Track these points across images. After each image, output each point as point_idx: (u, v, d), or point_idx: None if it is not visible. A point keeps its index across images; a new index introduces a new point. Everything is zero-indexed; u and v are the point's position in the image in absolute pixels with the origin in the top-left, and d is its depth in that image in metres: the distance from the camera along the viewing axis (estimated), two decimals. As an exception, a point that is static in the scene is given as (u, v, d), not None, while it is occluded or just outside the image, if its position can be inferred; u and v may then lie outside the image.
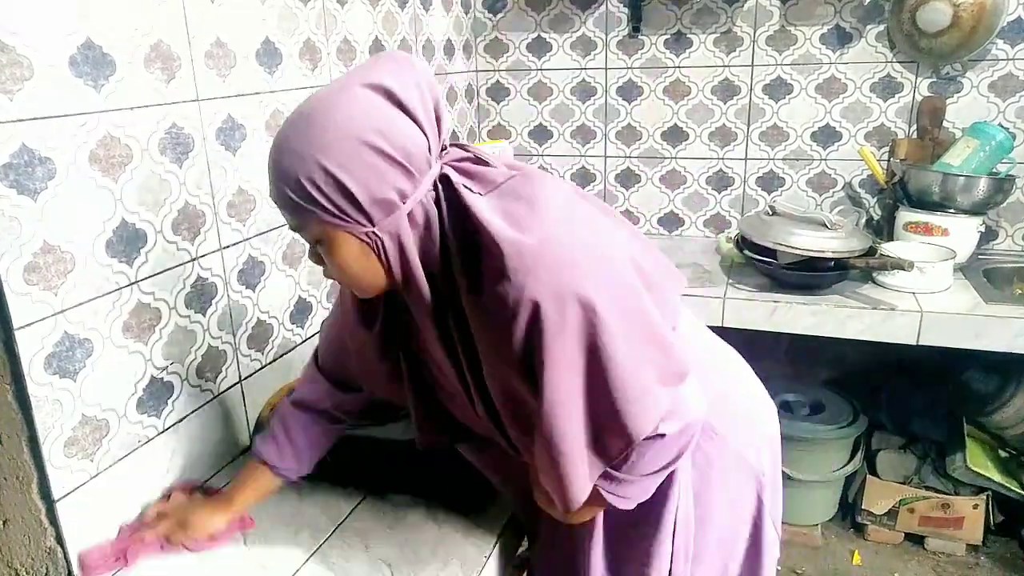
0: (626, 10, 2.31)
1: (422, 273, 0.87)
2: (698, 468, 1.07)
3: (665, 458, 0.94)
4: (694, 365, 0.92)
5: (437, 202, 0.85)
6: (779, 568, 2.22)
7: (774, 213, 1.99)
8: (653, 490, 0.98)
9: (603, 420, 0.86)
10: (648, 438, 0.88)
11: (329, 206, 0.81)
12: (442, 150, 0.88)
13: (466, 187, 0.85)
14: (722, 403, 1.06)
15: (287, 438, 1.13)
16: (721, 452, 1.07)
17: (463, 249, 0.85)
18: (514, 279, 0.80)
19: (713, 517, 1.09)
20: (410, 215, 0.84)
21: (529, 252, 0.80)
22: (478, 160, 0.89)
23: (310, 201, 0.81)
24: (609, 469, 0.93)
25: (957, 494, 2.18)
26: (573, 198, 0.91)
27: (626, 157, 2.46)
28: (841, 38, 2.17)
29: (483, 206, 0.83)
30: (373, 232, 0.83)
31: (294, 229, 0.89)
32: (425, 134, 0.83)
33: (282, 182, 0.82)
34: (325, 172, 0.79)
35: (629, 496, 0.96)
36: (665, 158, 2.43)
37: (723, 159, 2.38)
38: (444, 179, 0.85)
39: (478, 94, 2.54)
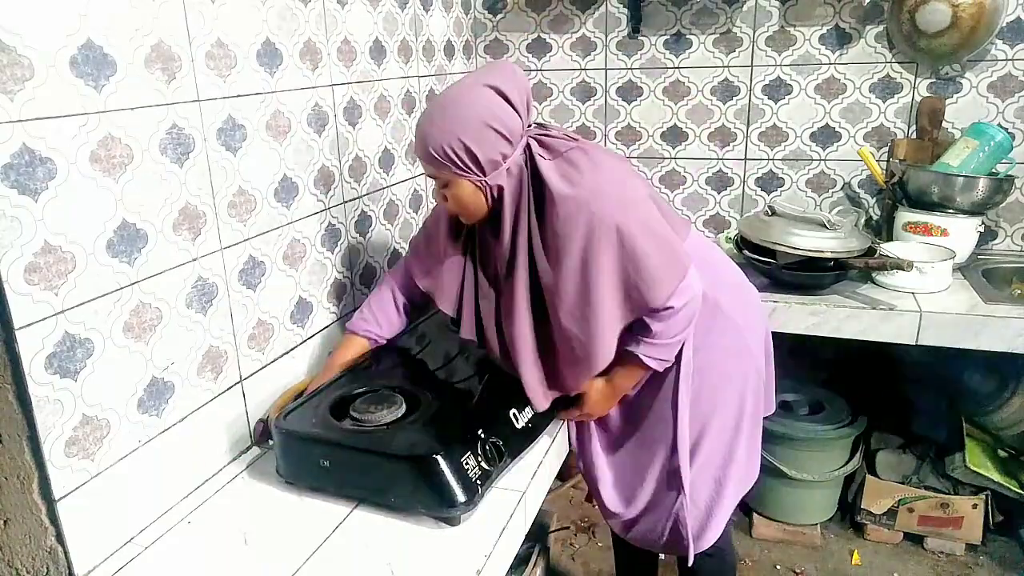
0: (626, 11, 2.31)
1: (511, 207, 1.28)
2: (701, 343, 1.39)
3: (680, 325, 1.29)
4: (710, 265, 1.41)
5: (524, 162, 1.28)
6: (778, 567, 2.22)
7: (773, 213, 1.99)
8: (674, 355, 1.34)
9: (629, 286, 1.24)
10: (666, 310, 1.25)
11: (460, 164, 1.24)
12: (528, 126, 1.30)
13: (540, 155, 1.28)
14: (733, 292, 1.47)
15: (373, 312, 1.53)
16: (724, 327, 1.42)
17: (535, 196, 1.28)
18: (567, 218, 1.23)
19: (712, 381, 1.43)
20: (508, 170, 1.27)
21: (576, 201, 1.22)
22: (548, 135, 1.31)
23: (449, 161, 1.24)
24: (644, 339, 1.29)
25: (956, 494, 2.18)
26: (612, 162, 1.31)
27: (626, 157, 2.46)
28: (840, 39, 2.17)
29: (548, 168, 1.26)
30: (484, 181, 1.26)
31: (431, 176, 1.31)
32: (520, 118, 1.26)
33: (430, 148, 1.24)
34: (460, 143, 1.22)
35: (661, 357, 1.32)
36: (665, 158, 2.43)
37: (722, 159, 2.38)
38: (527, 147, 1.28)
39: (478, 94, 2.54)
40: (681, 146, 2.41)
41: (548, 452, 1.37)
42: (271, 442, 1.29)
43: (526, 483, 1.26)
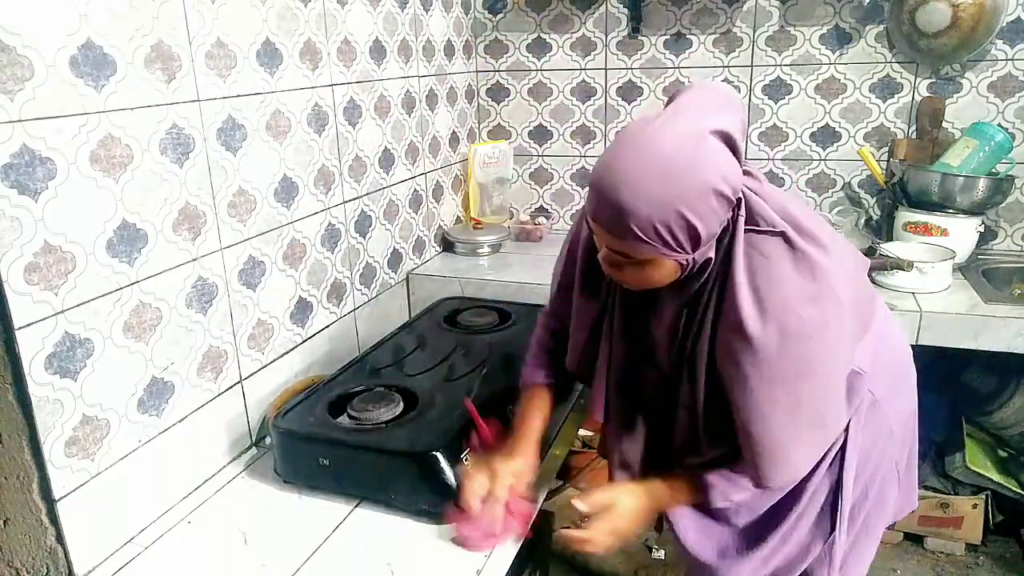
0: (626, 11, 2.31)
1: (702, 282, 0.99)
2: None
3: (769, 496, 1.16)
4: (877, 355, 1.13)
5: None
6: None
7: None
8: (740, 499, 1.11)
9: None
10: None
11: (673, 243, 0.91)
12: None
13: (741, 221, 0.96)
14: (890, 381, 1.19)
15: (536, 358, 1.29)
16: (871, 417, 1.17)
17: (721, 276, 0.98)
18: (745, 333, 0.93)
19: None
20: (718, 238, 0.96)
21: (762, 339, 0.93)
22: (759, 189, 1.00)
23: (657, 239, 0.90)
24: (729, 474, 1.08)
25: (956, 494, 2.18)
26: (820, 275, 0.95)
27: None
28: (840, 38, 2.17)
29: (739, 254, 0.95)
30: (692, 258, 0.94)
31: (617, 252, 0.96)
32: (741, 167, 0.95)
33: (634, 226, 0.89)
34: (682, 217, 0.88)
35: (727, 499, 1.10)
36: (665, 158, 2.42)
37: (723, 159, 2.38)
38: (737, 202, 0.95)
39: (478, 94, 2.54)
40: (681, 146, 2.40)
41: (548, 452, 1.37)
42: (268, 440, 1.29)
43: (526, 483, 1.26)
